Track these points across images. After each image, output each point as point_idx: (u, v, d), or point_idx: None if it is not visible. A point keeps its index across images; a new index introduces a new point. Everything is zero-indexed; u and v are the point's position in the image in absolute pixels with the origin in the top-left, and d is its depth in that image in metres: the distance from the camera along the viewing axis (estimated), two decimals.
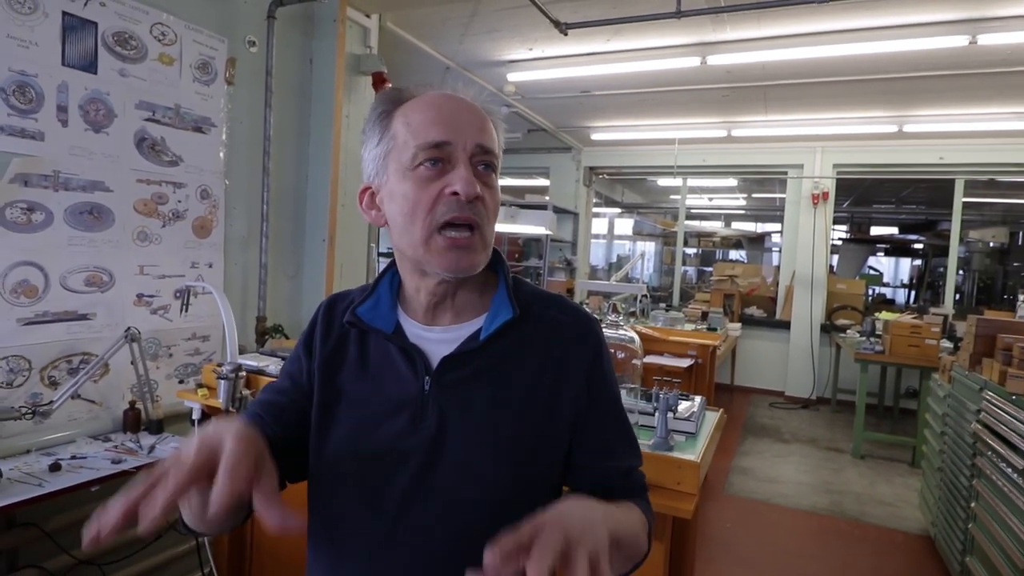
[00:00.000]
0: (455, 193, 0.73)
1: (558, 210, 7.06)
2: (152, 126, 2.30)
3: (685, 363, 4.12)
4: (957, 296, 6.69)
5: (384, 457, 0.78)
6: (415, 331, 0.82)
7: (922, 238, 8.91)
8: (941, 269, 7.18)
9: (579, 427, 0.82)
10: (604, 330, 1.61)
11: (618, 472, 0.86)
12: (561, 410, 0.80)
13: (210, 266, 2.56)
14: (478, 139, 0.76)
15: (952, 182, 6.00)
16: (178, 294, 2.40)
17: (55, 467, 1.79)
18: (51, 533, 1.92)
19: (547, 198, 7.62)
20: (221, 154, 2.58)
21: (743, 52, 3.87)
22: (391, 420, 0.78)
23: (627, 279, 6.07)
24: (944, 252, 6.51)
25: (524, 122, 6.02)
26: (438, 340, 0.81)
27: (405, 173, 0.75)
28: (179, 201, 2.42)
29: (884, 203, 9.36)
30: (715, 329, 4.97)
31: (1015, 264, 7.66)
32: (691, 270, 10.21)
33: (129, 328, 2.07)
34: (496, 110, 0.82)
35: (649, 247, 11.17)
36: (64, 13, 2.01)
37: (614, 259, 10.58)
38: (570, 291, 6.75)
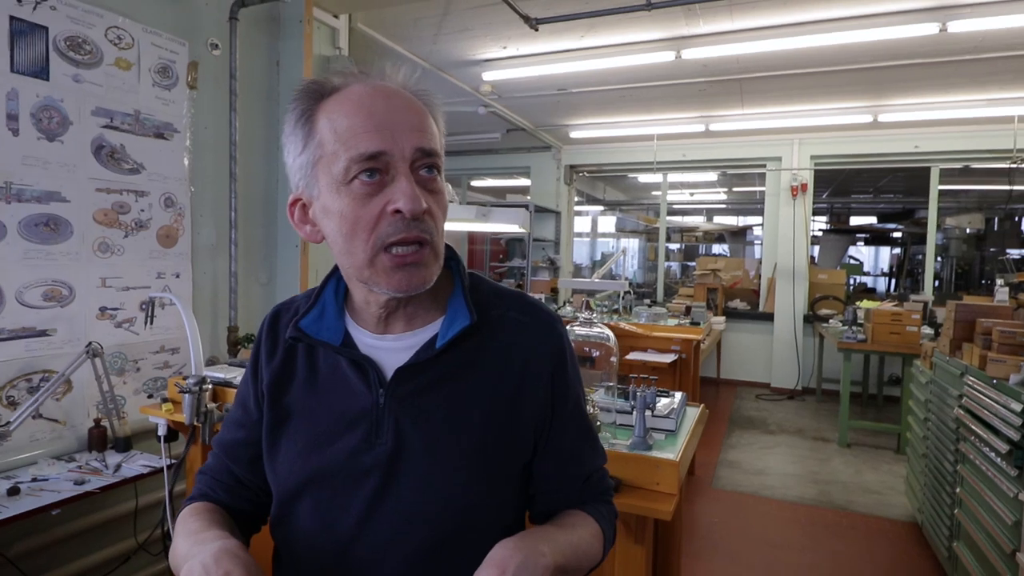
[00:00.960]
0: (398, 211, 0.66)
1: (540, 209, 7.04)
2: (110, 133, 2.22)
3: (669, 358, 4.10)
4: (936, 283, 6.76)
5: (339, 476, 0.74)
6: (366, 340, 0.77)
7: (900, 226, 9.01)
8: (920, 256, 7.25)
9: (543, 433, 0.79)
10: (578, 328, 1.58)
11: (580, 478, 0.83)
12: (525, 417, 0.76)
13: (177, 276, 2.49)
14: (417, 143, 0.68)
15: (928, 170, 6.05)
16: (143, 306, 2.33)
17: (14, 491, 1.71)
18: (13, 559, 1.84)
19: (528, 198, 7.59)
20: (185, 161, 2.50)
21: (717, 45, 3.86)
22: (345, 437, 0.74)
23: (610, 276, 6.05)
24: (922, 240, 6.57)
25: (502, 122, 5.98)
26: (391, 349, 0.76)
27: (339, 188, 0.67)
28: (142, 210, 2.34)
29: (862, 193, 9.45)
30: (698, 323, 4.96)
31: (991, 249, 7.76)
32: (675, 265, 10.24)
33: (91, 343, 1.99)
34: (431, 96, 0.74)
35: (632, 244, 11.18)
36: (11, 18, 1.93)
37: (598, 257, 10.58)
38: (554, 290, 6.73)
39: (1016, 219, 8.35)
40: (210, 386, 1.84)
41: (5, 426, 1.84)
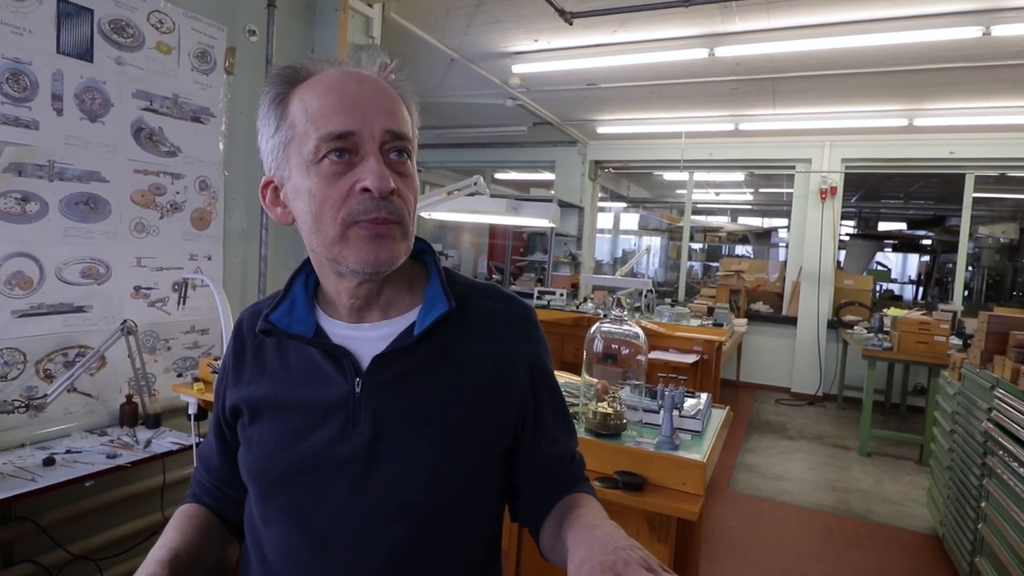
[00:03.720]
0: (367, 189, 0.66)
1: (563, 204, 7.01)
2: (149, 116, 2.26)
3: (691, 359, 4.08)
4: (966, 292, 6.61)
5: (314, 470, 0.72)
6: (339, 331, 0.76)
7: (931, 234, 8.81)
8: (950, 265, 7.10)
9: (524, 419, 0.79)
10: (608, 325, 1.58)
11: (563, 461, 0.83)
12: (505, 403, 0.77)
13: (209, 258, 2.53)
14: (387, 125, 0.69)
15: (962, 177, 5.92)
16: (176, 287, 2.37)
17: (49, 461, 1.76)
18: (46, 528, 1.90)
19: (552, 192, 7.57)
20: (220, 145, 2.54)
21: (752, 44, 3.81)
22: (320, 429, 0.72)
23: (632, 274, 6.03)
24: (953, 248, 6.42)
25: (529, 115, 5.96)
26: (367, 338, 0.75)
27: (308, 167, 0.68)
28: (177, 192, 2.39)
29: (892, 198, 9.26)
30: (721, 325, 4.92)
31: None
32: (697, 265, 10.14)
33: (125, 321, 2.04)
34: (406, 86, 0.75)
35: (655, 242, 11.10)
36: (59, 0, 1.97)
37: (619, 254, 10.52)
38: (575, 285, 6.71)
39: None
40: None
41: (42, 398, 1.90)
